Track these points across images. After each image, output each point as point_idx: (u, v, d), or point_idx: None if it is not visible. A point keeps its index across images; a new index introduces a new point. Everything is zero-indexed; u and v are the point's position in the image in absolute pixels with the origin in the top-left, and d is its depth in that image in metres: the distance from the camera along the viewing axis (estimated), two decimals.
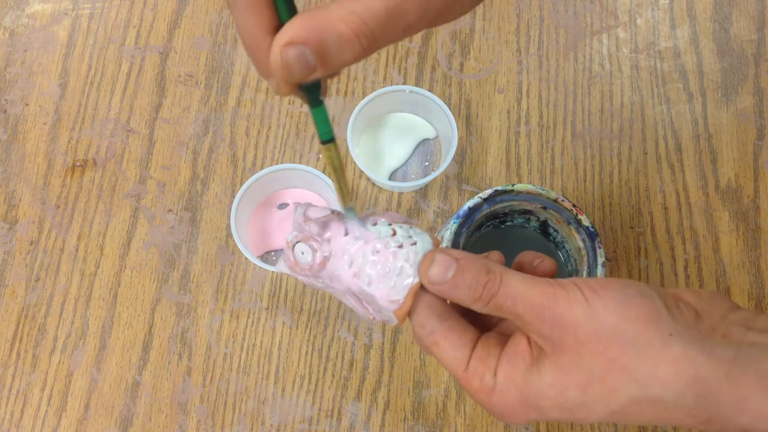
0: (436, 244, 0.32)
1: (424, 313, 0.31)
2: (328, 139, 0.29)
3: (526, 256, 0.35)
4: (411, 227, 0.32)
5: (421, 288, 0.31)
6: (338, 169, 0.30)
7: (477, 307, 0.30)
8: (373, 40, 0.25)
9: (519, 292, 0.29)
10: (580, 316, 0.27)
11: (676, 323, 0.27)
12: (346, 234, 0.31)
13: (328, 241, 0.31)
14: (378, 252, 0.30)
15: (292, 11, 0.25)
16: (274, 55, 0.24)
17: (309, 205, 0.32)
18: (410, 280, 0.30)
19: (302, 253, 0.31)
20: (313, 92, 0.28)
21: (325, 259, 0.31)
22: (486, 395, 0.30)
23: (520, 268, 0.35)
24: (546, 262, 0.34)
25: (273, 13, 0.25)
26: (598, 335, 0.27)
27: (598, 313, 0.27)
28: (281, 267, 0.32)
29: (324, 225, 0.31)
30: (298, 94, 0.27)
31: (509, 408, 0.30)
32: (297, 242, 0.31)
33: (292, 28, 0.24)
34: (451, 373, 0.31)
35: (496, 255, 0.34)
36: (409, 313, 0.31)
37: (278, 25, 0.25)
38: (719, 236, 0.58)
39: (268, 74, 0.26)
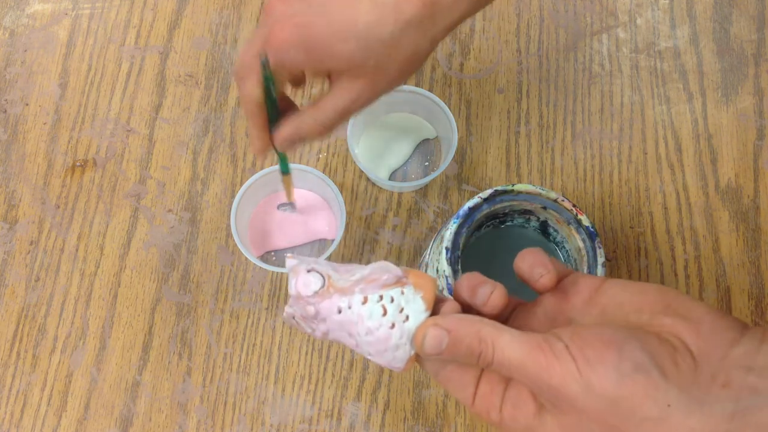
0: (430, 303, 0.32)
1: (427, 361, 0.32)
2: (287, 171, 0.50)
3: (526, 261, 0.34)
4: (402, 291, 0.32)
5: None
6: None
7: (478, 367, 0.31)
8: (331, 130, 0.42)
9: (513, 363, 0.29)
10: (576, 391, 0.28)
11: (674, 387, 0.27)
12: (339, 312, 0.32)
13: (324, 320, 0.32)
14: (371, 333, 0.31)
15: (276, 112, 0.41)
16: (276, 142, 0.43)
17: (299, 269, 0.33)
18: (406, 353, 0.32)
19: (302, 324, 0.33)
20: (285, 158, 0.49)
21: (324, 335, 0.33)
22: (494, 425, 0.31)
23: (522, 276, 0.35)
24: (547, 277, 0.34)
25: (265, 113, 0.42)
26: (596, 407, 0.28)
27: (593, 389, 0.27)
28: (286, 320, 0.34)
29: (316, 308, 0.32)
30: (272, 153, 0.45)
31: None
32: (294, 317, 0.33)
33: (282, 132, 0.42)
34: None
35: (498, 297, 0.32)
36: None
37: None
38: (719, 236, 0.58)
39: (259, 148, 0.43)
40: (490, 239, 0.51)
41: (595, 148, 0.60)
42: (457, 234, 0.45)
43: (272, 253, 0.57)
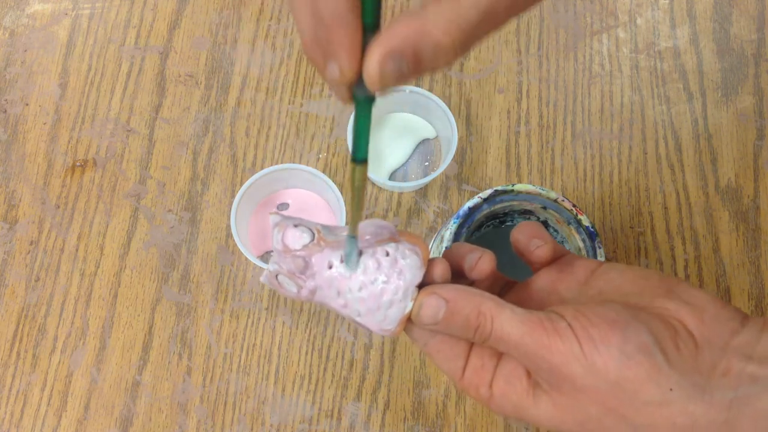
0: (425, 260, 0.30)
1: (416, 330, 0.31)
2: (364, 158, 0.28)
3: (524, 232, 0.34)
4: (397, 246, 0.30)
5: None
6: (361, 192, 0.29)
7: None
8: (467, 47, 0.24)
9: (512, 339, 0.28)
10: (577, 370, 0.27)
11: (676, 372, 0.27)
12: (330, 267, 0.29)
13: (313, 276, 0.30)
14: (365, 288, 0.29)
15: (376, 14, 0.24)
16: (372, 64, 0.23)
17: (285, 223, 0.30)
18: (400, 311, 0.30)
19: (287, 283, 0.30)
20: (369, 105, 0.26)
21: (311, 292, 0.30)
22: (483, 402, 0.31)
23: (518, 248, 0.34)
24: (544, 248, 0.33)
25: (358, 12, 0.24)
26: (596, 388, 0.27)
27: (596, 370, 0.27)
28: (265, 280, 0.31)
29: (306, 260, 0.29)
30: (350, 101, 0.26)
31: (506, 414, 0.31)
32: (279, 274, 0.30)
33: (391, 38, 0.23)
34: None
35: (486, 262, 0.32)
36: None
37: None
38: (719, 236, 0.58)
39: (338, 58, 0.24)
40: (490, 239, 0.51)
41: (595, 148, 0.60)
42: (457, 234, 0.45)
43: (272, 254, 0.56)
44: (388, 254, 0.30)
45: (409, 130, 0.59)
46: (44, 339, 0.55)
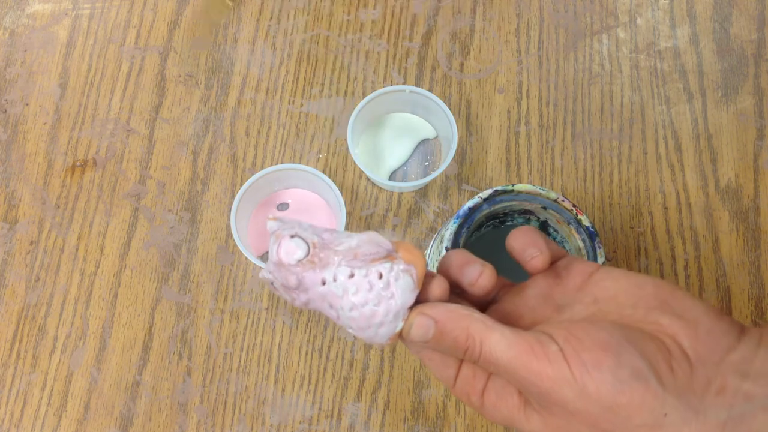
0: (419, 281, 0.30)
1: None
2: None
3: (518, 241, 0.34)
4: (392, 267, 0.30)
5: None
6: None
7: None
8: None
9: (501, 362, 0.28)
10: (568, 395, 0.27)
11: (671, 395, 0.27)
12: (323, 284, 0.30)
13: (306, 291, 0.30)
14: (356, 308, 0.30)
15: None
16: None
17: (281, 233, 0.30)
18: (391, 330, 0.30)
19: (281, 291, 0.31)
20: None
21: (305, 304, 0.31)
22: (476, 409, 0.31)
23: (513, 255, 0.34)
24: (538, 259, 0.33)
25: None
26: (589, 412, 0.27)
27: (588, 395, 0.27)
28: (263, 277, 0.32)
29: (298, 277, 0.30)
30: None
31: (498, 423, 0.32)
32: (273, 283, 0.31)
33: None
34: None
35: (487, 279, 0.32)
36: None
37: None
38: (719, 236, 0.58)
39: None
40: (490, 239, 0.51)
41: (595, 148, 0.60)
42: (457, 234, 0.45)
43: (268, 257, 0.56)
44: (381, 276, 0.30)
45: (409, 130, 0.59)
46: (44, 339, 0.55)
